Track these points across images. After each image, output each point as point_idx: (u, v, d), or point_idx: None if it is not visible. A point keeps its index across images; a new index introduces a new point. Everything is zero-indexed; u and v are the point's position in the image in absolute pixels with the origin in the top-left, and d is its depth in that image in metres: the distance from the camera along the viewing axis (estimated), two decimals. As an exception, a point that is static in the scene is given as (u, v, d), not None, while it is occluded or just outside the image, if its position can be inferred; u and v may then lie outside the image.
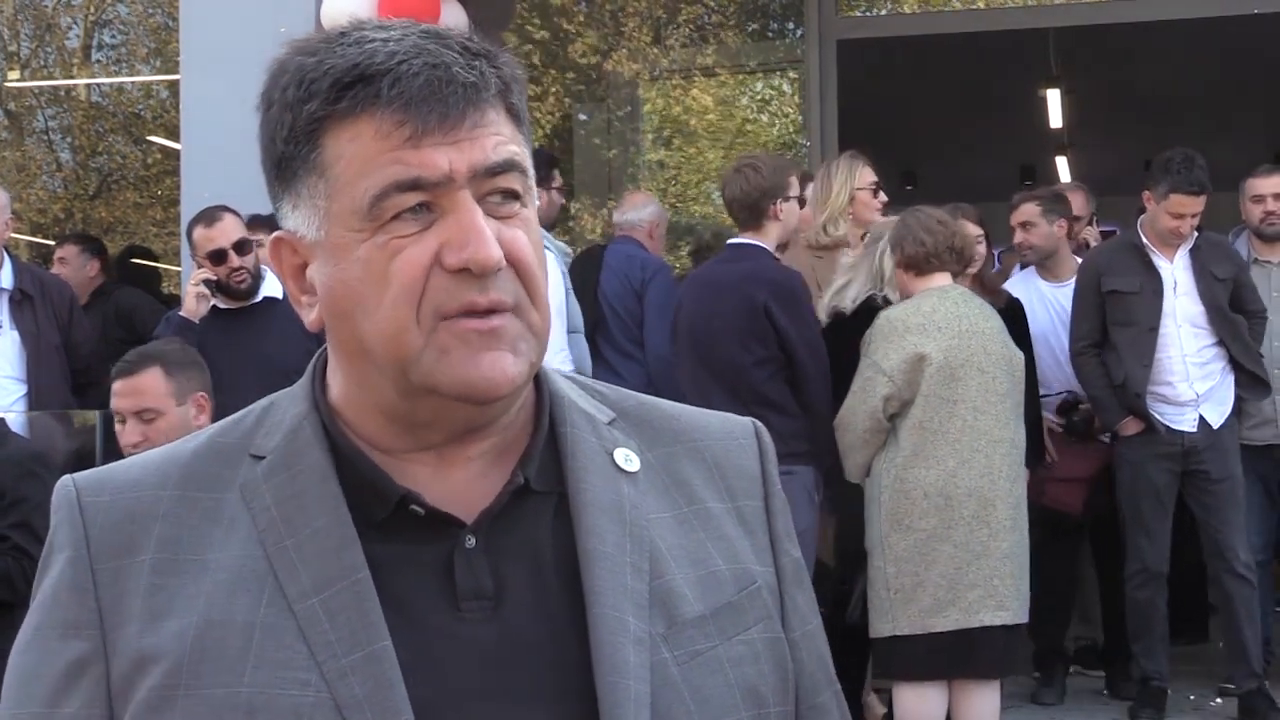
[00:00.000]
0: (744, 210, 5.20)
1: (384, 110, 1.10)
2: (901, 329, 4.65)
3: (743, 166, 5.29)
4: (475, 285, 1.11)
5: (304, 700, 1.08)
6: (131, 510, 1.16)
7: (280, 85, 1.14)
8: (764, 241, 5.18)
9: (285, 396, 1.23)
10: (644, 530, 1.19)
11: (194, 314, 5.03)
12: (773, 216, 5.16)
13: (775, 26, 10.68)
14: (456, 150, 1.11)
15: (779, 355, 4.99)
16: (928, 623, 4.58)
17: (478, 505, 1.16)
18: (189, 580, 1.13)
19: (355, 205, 1.11)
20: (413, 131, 1.09)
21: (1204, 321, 5.72)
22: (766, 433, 1.33)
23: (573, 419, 1.22)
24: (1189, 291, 5.72)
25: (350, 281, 1.13)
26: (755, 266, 5.12)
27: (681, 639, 1.16)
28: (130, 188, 12.75)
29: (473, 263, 1.09)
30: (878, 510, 4.68)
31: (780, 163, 5.55)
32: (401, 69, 1.10)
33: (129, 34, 12.85)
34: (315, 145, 1.12)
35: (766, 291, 5.00)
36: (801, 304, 5.07)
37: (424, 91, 1.09)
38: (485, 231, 1.10)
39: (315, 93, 1.11)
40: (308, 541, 1.13)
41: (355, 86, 1.10)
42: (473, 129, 1.11)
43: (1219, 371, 5.73)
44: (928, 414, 4.60)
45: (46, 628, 1.15)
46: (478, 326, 1.11)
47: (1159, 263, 5.75)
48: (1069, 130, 11.95)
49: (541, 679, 1.12)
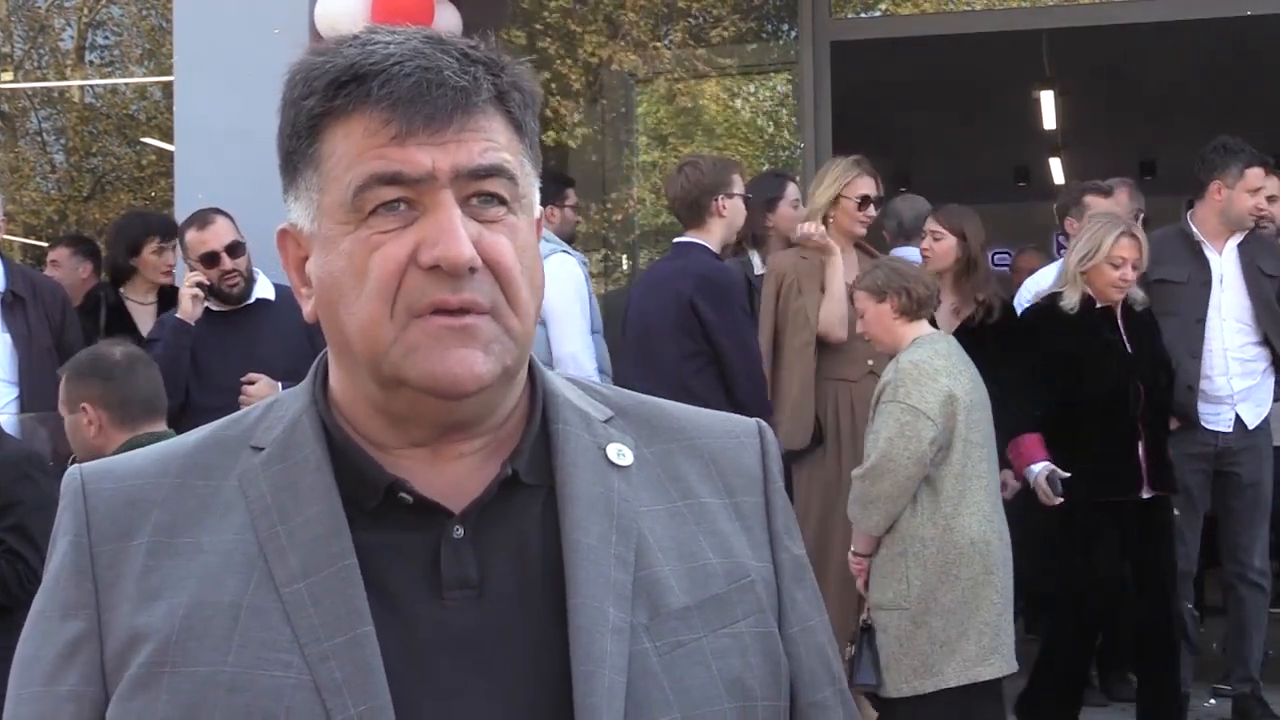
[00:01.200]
0: (685, 208, 5.28)
1: (373, 108, 1.14)
2: (931, 371, 4.50)
3: (684, 165, 5.42)
4: (448, 284, 1.13)
5: (285, 681, 1.10)
6: (132, 497, 1.20)
7: (290, 84, 1.19)
8: (706, 239, 5.25)
9: (288, 394, 1.27)
10: (632, 523, 1.20)
11: (189, 316, 5.02)
12: (715, 213, 5.23)
13: (769, 28, 10.69)
14: (441, 151, 1.14)
15: (707, 350, 5.04)
16: (973, 672, 4.42)
17: (468, 497, 1.18)
18: (182, 562, 1.16)
19: (341, 197, 1.15)
20: (398, 130, 1.13)
21: (1249, 317, 5.61)
22: (770, 432, 1.34)
23: (566, 416, 1.24)
24: (1236, 285, 5.61)
25: (335, 273, 1.16)
26: (687, 263, 5.21)
27: (664, 629, 1.17)
28: (124, 189, 12.74)
29: (443, 260, 1.12)
30: (919, 566, 4.45)
31: (722, 161, 5.64)
32: (394, 69, 1.13)
33: (122, 35, 12.84)
34: (314, 140, 1.17)
35: (693, 286, 5.07)
36: (730, 299, 5.12)
37: (412, 92, 1.13)
38: (459, 231, 1.13)
39: (315, 90, 1.16)
40: (299, 528, 1.16)
41: (350, 85, 1.14)
42: (460, 132, 1.14)
43: (1261, 371, 5.62)
44: (964, 459, 4.48)
45: (48, 610, 1.19)
46: (449, 324, 1.13)
47: (1209, 254, 5.63)
48: (1062, 132, 11.97)
49: (520, 668, 1.14)
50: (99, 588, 1.17)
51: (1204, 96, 10.45)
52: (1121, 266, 5.13)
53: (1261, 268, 5.60)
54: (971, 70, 9.86)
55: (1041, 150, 12.97)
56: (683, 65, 10.18)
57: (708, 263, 5.21)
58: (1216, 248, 5.65)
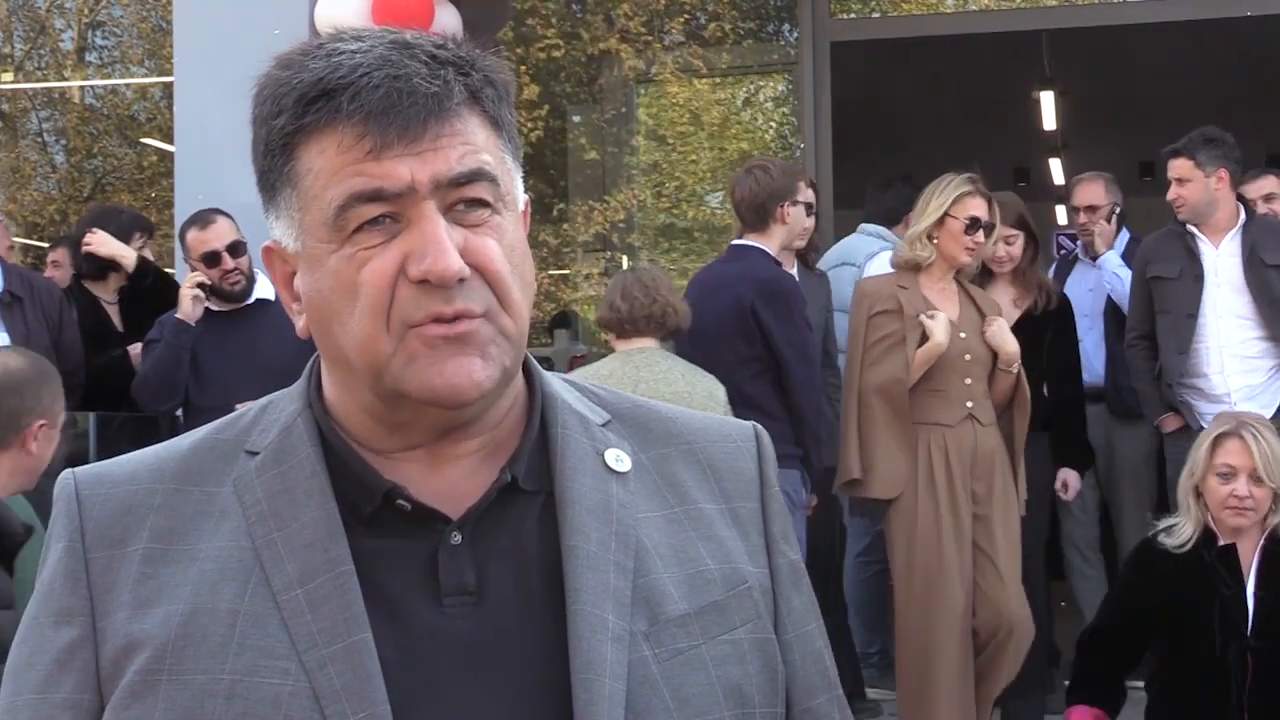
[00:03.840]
0: (751, 211, 5.19)
1: (345, 124, 1.11)
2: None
3: (753, 168, 5.28)
4: (440, 295, 1.12)
5: (283, 689, 1.10)
6: (127, 503, 1.19)
7: (259, 101, 1.17)
8: (766, 244, 5.17)
9: (282, 396, 1.25)
10: (630, 529, 1.19)
11: (189, 317, 5.03)
12: (778, 219, 5.17)
13: (769, 29, 10.68)
14: (419, 161, 1.12)
15: (764, 356, 4.98)
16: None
17: (465, 502, 1.17)
18: (178, 570, 1.16)
19: (323, 217, 1.13)
20: (373, 144, 1.11)
21: (1249, 312, 5.35)
22: (766, 436, 1.33)
23: (564, 419, 1.23)
24: (1233, 280, 5.39)
25: (324, 292, 1.15)
26: (746, 266, 5.12)
27: (663, 637, 1.17)
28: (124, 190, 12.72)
29: (431, 274, 1.11)
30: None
31: (790, 167, 5.53)
32: (362, 82, 1.11)
33: (123, 36, 12.83)
34: (289, 159, 1.15)
35: (753, 291, 4.99)
36: (790, 305, 5.04)
37: (383, 104, 1.11)
38: (445, 243, 1.11)
39: (284, 108, 1.14)
40: (295, 534, 1.15)
41: (319, 101, 1.12)
42: (436, 139, 1.12)
43: (1266, 370, 5.33)
44: None
45: (42, 617, 1.18)
46: (444, 332, 1.12)
47: (1203, 248, 5.45)
48: (1062, 133, 11.96)
49: (519, 675, 1.13)
50: (94, 594, 1.16)
51: (1204, 97, 10.44)
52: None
53: (1264, 258, 5.36)
54: (971, 71, 9.86)
55: (1041, 151, 12.96)
56: (682, 65, 10.17)
57: (769, 269, 5.12)
58: (1214, 241, 5.48)
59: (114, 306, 5.92)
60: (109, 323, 5.83)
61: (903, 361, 4.83)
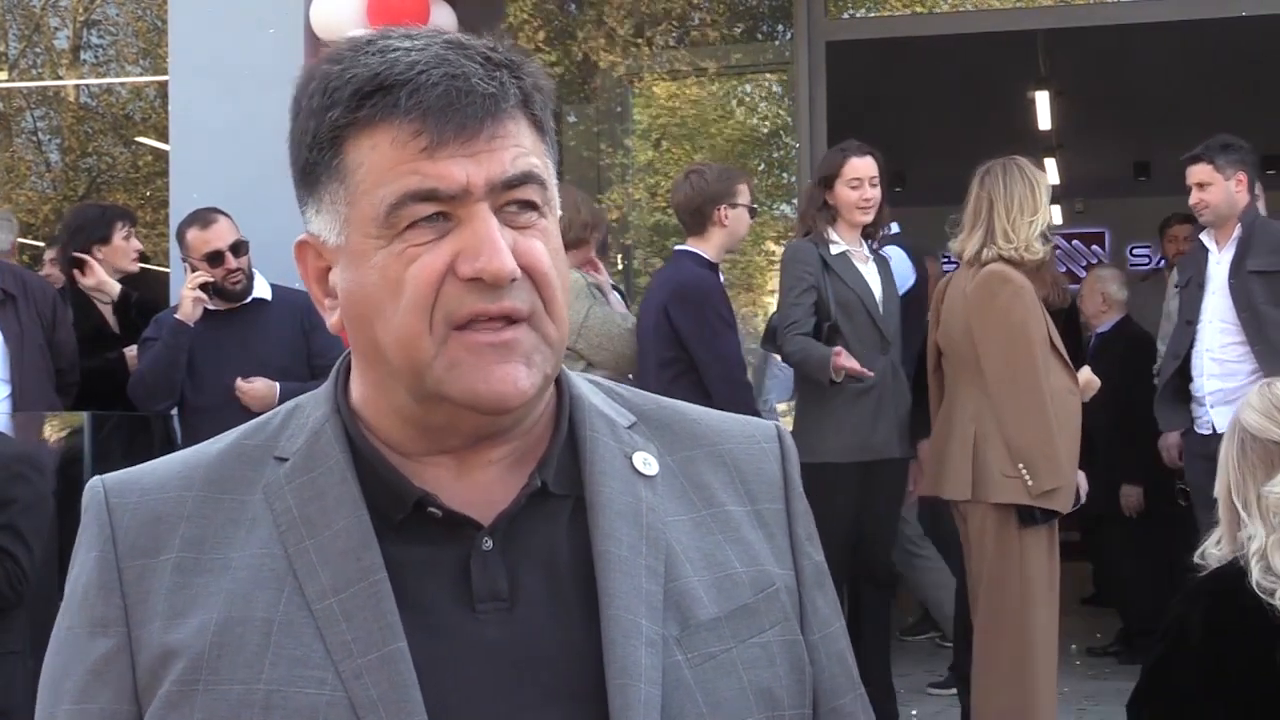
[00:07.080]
0: (688, 215, 5.24)
1: (402, 120, 1.11)
2: None
3: (690, 173, 5.35)
4: (487, 294, 1.11)
5: (319, 699, 1.09)
6: (158, 511, 1.18)
7: (307, 93, 1.15)
8: (703, 247, 5.21)
9: (310, 399, 1.24)
10: (660, 533, 1.19)
11: (189, 318, 5.03)
12: (717, 223, 5.20)
13: (764, 28, 10.68)
14: (474, 163, 1.11)
15: (683, 356, 5.03)
16: None
17: (495, 507, 1.17)
18: (211, 579, 1.15)
19: (373, 213, 1.12)
20: (429, 142, 1.10)
21: (1231, 317, 5.41)
22: (789, 436, 1.33)
23: (593, 422, 1.23)
24: (1221, 286, 5.47)
25: (367, 287, 1.14)
26: (673, 271, 5.21)
27: (695, 641, 1.16)
28: (119, 189, 12.71)
29: (485, 273, 1.10)
30: None
31: (729, 171, 5.54)
32: (420, 79, 1.10)
33: (118, 35, 12.82)
34: (337, 152, 1.14)
35: (669, 294, 5.06)
36: (703, 305, 5.06)
37: (442, 102, 1.10)
38: (499, 243, 1.11)
39: (337, 101, 1.13)
40: (328, 542, 1.14)
41: (375, 95, 1.11)
42: (490, 140, 1.12)
43: (1245, 374, 5.24)
44: None
45: (77, 627, 1.17)
46: (491, 340, 1.12)
47: (1211, 255, 5.51)
48: (1057, 132, 11.97)
49: (554, 680, 1.13)
50: (128, 604, 1.15)
51: (1199, 98, 10.45)
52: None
53: (1248, 264, 5.38)
54: (967, 70, 9.86)
55: (1036, 151, 12.94)
56: (677, 66, 10.17)
57: (688, 270, 5.17)
58: (1219, 247, 5.55)
59: (109, 307, 5.92)
60: (104, 324, 5.83)
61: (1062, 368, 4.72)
